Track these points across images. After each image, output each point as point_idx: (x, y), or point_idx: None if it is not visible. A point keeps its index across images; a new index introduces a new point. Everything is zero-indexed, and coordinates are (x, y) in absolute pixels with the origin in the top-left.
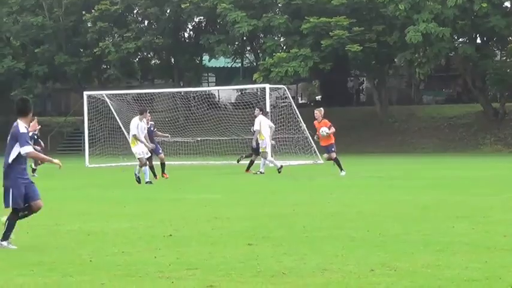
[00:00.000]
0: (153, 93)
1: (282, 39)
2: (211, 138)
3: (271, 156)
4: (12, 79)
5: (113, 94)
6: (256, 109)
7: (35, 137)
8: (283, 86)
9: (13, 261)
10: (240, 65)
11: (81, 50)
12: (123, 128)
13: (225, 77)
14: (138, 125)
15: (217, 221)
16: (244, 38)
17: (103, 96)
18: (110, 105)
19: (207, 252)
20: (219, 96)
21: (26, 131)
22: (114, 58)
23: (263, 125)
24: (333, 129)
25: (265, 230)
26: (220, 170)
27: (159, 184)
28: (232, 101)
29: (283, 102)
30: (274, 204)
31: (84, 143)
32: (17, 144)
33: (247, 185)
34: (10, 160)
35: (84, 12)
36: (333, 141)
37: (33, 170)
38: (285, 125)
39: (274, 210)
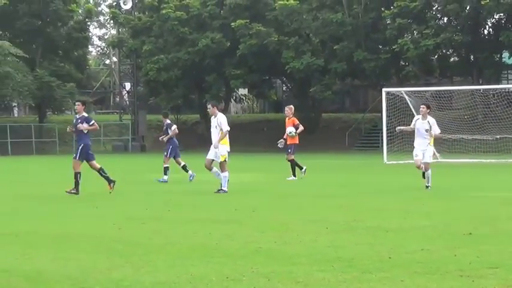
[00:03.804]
0: (452, 90)
1: None
2: (510, 136)
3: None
4: (311, 75)
5: (411, 91)
6: (423, 106)
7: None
8: None
9: (314, 257)
10: None
11: (380, 47)
12: None
13: None
14: None
15: None
16: None
17: (401, 93)
18: (408, 102)
19: (508, 251)
20: None
21: None
22: (413, 55)
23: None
24: (301, 128)
25: None
26: None
27: (461, 181)
28: None
29: None
30: None
31: (382, 139)
32: None
33: None
34: None
35: (383, 9)
36: (295, 141)
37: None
38: None
39: None
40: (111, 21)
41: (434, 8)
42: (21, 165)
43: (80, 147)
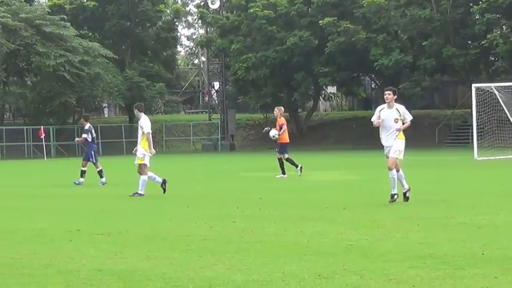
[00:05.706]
0: None
1: None
2: None
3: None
4: (400, 72)
5: (501, 86)
6: (388, 92)
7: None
8: None
9: (406, 254)
10: None
11: (469, 42)
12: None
13: None
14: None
15: None
16: None
17: (491, 89)
18: (498, 97)
19: None
20: None
21: None
22: (502, 50)
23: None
24: (284, 128)
25: None
26: None
27: None
28: None
29: None
30: None
31: (472, 135)
32: None
33: None
34: None
35: (471, 4)
36: (283, 141)
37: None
38: None
39: None
40: (199, 21)
41: None
42: (112, 165)
43: None
